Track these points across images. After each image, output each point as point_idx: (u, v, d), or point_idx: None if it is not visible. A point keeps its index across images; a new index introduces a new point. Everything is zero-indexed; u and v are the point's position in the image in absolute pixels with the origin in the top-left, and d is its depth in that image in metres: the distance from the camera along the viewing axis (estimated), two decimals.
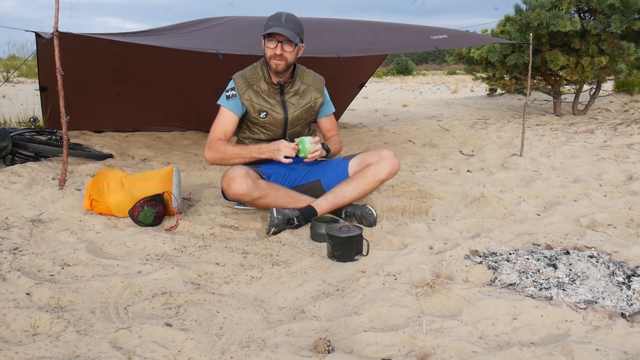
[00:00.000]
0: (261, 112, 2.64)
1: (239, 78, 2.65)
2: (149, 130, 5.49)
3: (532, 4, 6.16)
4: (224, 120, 2.64)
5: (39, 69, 4.45)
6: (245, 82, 2.63)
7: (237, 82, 2.63)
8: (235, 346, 1.52)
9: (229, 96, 2.62)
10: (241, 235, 2.49)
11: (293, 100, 2.69)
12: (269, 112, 2.64)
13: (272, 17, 2.53)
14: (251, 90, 2.62)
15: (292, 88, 2.68)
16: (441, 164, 4.24)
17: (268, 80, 2.63)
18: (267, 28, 2.50)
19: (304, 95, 2.71)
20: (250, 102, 2.62)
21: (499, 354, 1.46)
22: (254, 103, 2.62)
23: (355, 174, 2.68)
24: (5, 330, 1.58)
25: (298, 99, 2.70)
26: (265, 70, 2.62)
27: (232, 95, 2.62)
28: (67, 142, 3.03)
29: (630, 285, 1.88)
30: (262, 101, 2.63)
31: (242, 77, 2.65)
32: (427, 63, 45.62)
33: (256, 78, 2.64)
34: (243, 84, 2.63)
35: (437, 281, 1.90)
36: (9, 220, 2.54)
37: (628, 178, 3.57)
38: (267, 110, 2.64)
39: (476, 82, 10.17)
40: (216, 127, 2.64)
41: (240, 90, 2.61)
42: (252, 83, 2.63)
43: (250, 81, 2.64)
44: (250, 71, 2.67)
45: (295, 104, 2.69)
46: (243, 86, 2.62)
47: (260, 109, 2.63)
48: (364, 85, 6.94)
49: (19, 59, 11.90)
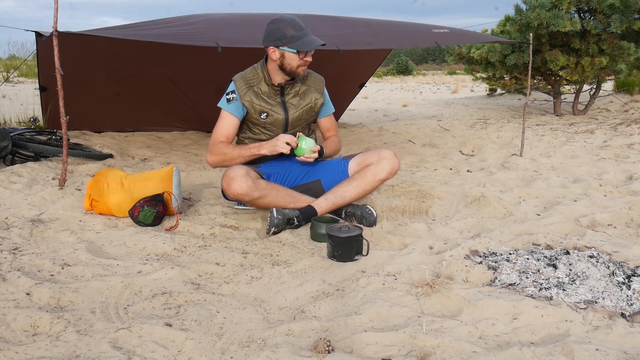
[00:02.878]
0: (262, 113, 2.64)
1: (240, 80, 2.64)
2: (149, 130, 5.49)
3: (532, 4, 6.15)
4: (225, 124, 2.64)
5: (39, 69, 4.45)
6: (246, 84, 2.63)
7: (237, 84, 2.63)
8: (235, 346, 1.52)
9: (229, 99, 2.62)
10: (241, 235, 2.49)
11: (293, 101, 2.69)
12: (270, 113, 2.64)
13: (294, 26, 2.48)
14: (252, 91, 2.62)
15: (292, 89, 2.68)
16: (441, 164, 4.24)
17: (268, 81, 2.63)
18: (298, 40, 2.46)
19: (304, 96, 2.72)
20: (251, 104, 2.62)
21: (499, 354, 1.46)
22: (254, 104, 2.62)
23: (355, 174, 2.68)
24: (5, 330, 1.58)
25: (298, 100, 2.70)
26: (266, 72, 2.62)
27: (233, 98, 2.61)
28: (67, 142, 3.03)
29: (630, 285, 1.88)
30: (262, 102, 2.63)
31: (243, 78, 2.65)
32: (427, 63, 45.65)
33: (256, 79, 2.64)
34: (243, 86, 2.63)
35: (437, 281, 1.90)
36: (9, 220, 2.54)
37: (628, 178, 3.57)
38: (268, 111, 2.64)
39: (476, 82, 10.16)
40: (217, 131, 2.64)
41: (241, 92, 2.61)
42: (252, 84, 2.64)
43: (251, 82, 2.64)
44: (251, 72, 2.67)
45: (295, 104, 2.69)
46: (244, 88, 2.62)
47: (261, 110, 2.63)
48: (364, 85, 6.94)
49: (19, 59, 11.89)
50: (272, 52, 2.53)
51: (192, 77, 5.16)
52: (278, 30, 2.49)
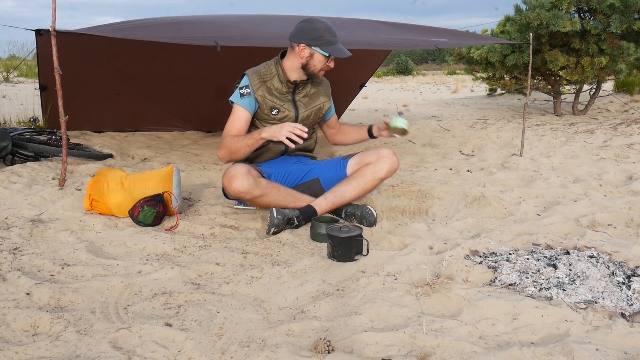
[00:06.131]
0: (273, 109, 2.64)
1: (253, 74, 2.63)
2: (149, 130, 5.49)
3: (532, 4, 6.15)
4: (238, 119, 2.62)
5: (39, 68, 4.44)
6: (260, 79, 2.63)
7: (251, 78, 2.62)
8: (235, 346, 1.52)
9: (242, 93, 2.60)
10: (241, 235, 2.49)
11: (304, 100, 2.71)
12: (281, 109, 2.65)
13: (330, 31, 2.52)
14: (265, 86, 2.62)
15: (303, 89, 2.71)
16: (441, 163, 4.24)
17: (283, 78, 2.63)
18: (332, 45, 2.51)
19: (313, 98, 2.75)
20: (263, 99, 2.62)
21: (499, 354, 1.46)
22: (267, 99, 2.62)
23: (355, 173, 2.68)
24: (5, 330, 1.58)
25: (308, 100, 2.73)
26: (281, 68, 2.62)
27: (247, 93, 2.60)
28: (66, 142, 3.03)
29: (630, 285, 1.88)
30: (274, 98, 2.63)
31: (256, 73, 2.64)
32: (427, 63, 45.64)
33: (270, 75, 2.64)
34: (257, 80, 2.62)
35: (437, 281, 1.90)
36: (9, 220, 2.54)
37: (628, 178, 3.57)
38: (280, 107, 2.65)
39: (476, 82, 10.16)
40: (229, 126, 2.63)
41: (254, 86, 2.61)
42: (265, 80, 2.63)
43: (264, 78, 2.63)
44: (264, 68, 2.66)
45: (305, 104, 2.72)
46: (257, 82, 2.62)
47: (273, 105, 2.64)
48: (364, 86, 6.94)
49: (19, 59, 11.89)
50: (302, 49, 2.53)
51: (192, 77, 5.15)
52: (315, 31, 2.51)
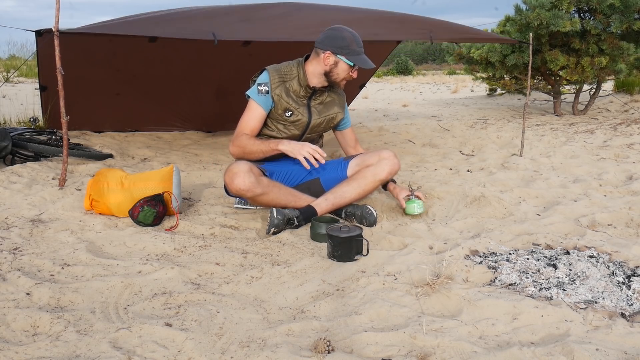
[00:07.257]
0: (287, 111, 2.63)
1: (274, 72, 2.61)
2: (149, 130, 5.49)
3: (532, 4, 6.16)
4: (253, 116, 2.60)
5: (39, 68, 4.45)
6: (280, 78, 2.61)
7: (271, 75, 2.60)
8: (235, 346, 1.52)
9: (260, 90, 2.58)
10: (241, 235, 2.49)
11: (318, 107, 2.71)
12: (295, 112, 2.64)
13: (357, 42, 2.54)
14: (283, 86, 2.60)
15: (320, 96, 2.70)
16: (441, 164, 4.24)
17: (303, 82, 2.62)
18: (358, 55, 2.53)
19: (328, 106, 2.74)
20: (279, 98, 2.60)
21: (499, 354, 1.46)
22: (282, 100, 2.60)
23: (355, 174, 2.68)
24: (5, 330, 1.58)
25: (322, 108, 2.72)
26: (302, 72, 2.61)
27: (265, 90, 2.58)
28: (67, 142, 3.03)
29: (630, 285, 1.88)
30: (290, 100, 2.62)
31: (277, 71, 2.62)
32: (427, 63, 45.66)
33: (290, 76, 2.62)
34: (277, 79, 2.60)
35: (437, 281, 1.90)
36: (9, 220, 2.54)
37: (628, 178, 3.57)
38: (294, 110, 2.63)
39: (476, 82, 10.17)
40: (243, 123, 2.61)
41: (273, 84, 2.59)
42: (285, 80, 2.62)
43: (284, 78, 2.62)
44: (286, 68, 2.64)
45: (319, 111, 2.71)
46: (277, 80, 2.60)
47: (287, 107, 2.62)
48: (364, 86, 6.94)
49: (19, 59, 11.90)
50: (327, 56, 2.53)
51: (192, 77, 5.15)
52: (343, 40, 2.51)
